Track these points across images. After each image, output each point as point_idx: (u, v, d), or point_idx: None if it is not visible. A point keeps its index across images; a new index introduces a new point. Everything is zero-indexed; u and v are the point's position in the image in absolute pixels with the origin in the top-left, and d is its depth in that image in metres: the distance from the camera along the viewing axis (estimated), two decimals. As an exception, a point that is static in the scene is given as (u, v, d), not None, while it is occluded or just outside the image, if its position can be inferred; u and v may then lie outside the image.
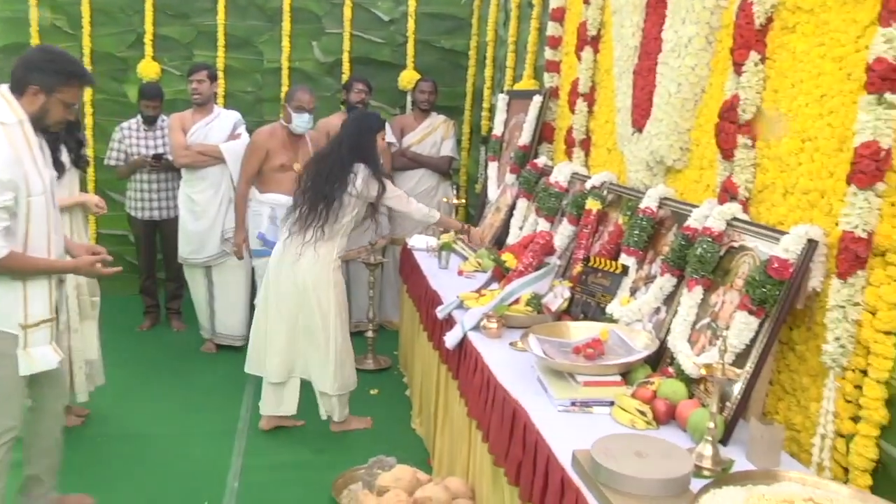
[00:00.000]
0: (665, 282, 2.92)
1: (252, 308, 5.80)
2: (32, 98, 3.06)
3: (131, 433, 4.55)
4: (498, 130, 5.71)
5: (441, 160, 6.49)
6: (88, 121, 7.00)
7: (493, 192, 5.49)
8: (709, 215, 2.74)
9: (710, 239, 2.66)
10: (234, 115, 5.97)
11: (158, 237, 6.28)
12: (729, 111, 2.74)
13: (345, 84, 6.56)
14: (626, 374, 2.72)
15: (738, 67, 2.71)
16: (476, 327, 3.46)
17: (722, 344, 2.16)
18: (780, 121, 2.34)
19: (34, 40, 6.90)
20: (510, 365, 3.03)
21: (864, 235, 2.07)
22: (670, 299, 2.92)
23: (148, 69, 6.98)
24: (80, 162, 4.44)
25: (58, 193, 4.17)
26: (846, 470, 2.13)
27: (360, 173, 4.31)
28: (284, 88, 7.24)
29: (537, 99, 5.00)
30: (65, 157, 4.28)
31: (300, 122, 5.33)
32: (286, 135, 5.41)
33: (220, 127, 5.85)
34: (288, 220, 4.46)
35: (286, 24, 7.18)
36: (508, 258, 4.00)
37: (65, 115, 3.19)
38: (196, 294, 6.05)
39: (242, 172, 5.44)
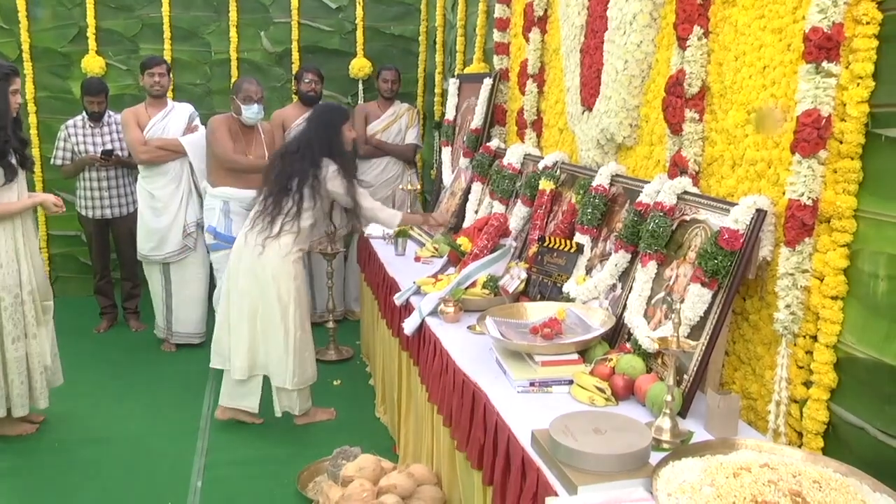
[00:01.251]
0: (619, 258, 2.94)
1: (210, 305, 5.78)
2: None
3: (91, 437, 4.50)
4: (450, 115, 5.71)
5: (406, 148, 6.47)
6: (32, 119, 6.89)
7: (447, 177, 5.49)
8: (660, 190, 2.76)
9: (661, 213, 2.68)
10: (189, 108, 5.91)
11: (111, 235, 6.21)
12: (675, 86, 2.76)
13: (296, 74, 6.52)
14: (584, 352, 2.73)
15: (682, 42, 2.73)
16: (434, 312, 3.46)
17: (676, 317, 2.19)
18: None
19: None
20: (468, 348, 3.04)
21: (809, 203, 2.10)
22: (626, 276, 2.94)
23: (92, 64, 6.88)
24: (26, 163, 4.35)
25: (7, 197, 4.13)
26: (800, 434, 2.17)
27: (327, 168, 4.30)
28: (234, 80, 7.16)
29: (487, 82, 5.01)
30: (13, 158, 4.21)
31: (250, 113, 5.27)
32: (238, 127, 5.37)
33: (176, 120, 5.79)
34: (251, 212, 4.45)
35: (233, 14, 7.12)
36: (464, 242, 4.01)
37: None
38: (154, 292, 5.98)
39: (224, 153, 5.28)
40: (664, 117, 2.85)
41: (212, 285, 5.77)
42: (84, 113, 5.98)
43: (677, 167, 2.80)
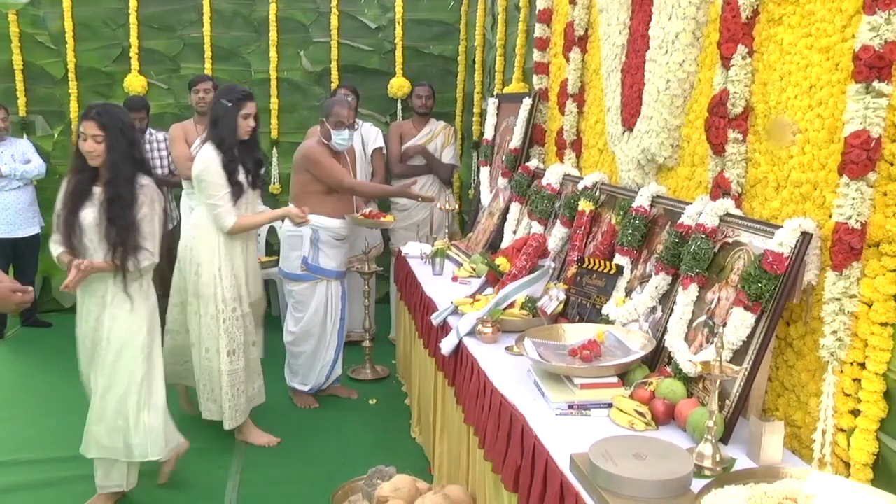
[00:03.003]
0: (660, 281, 2.90)
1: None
2: None
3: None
4: (489, 135, 5.70)
5: (444, 166, 6.46)
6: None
7: (485, 197, 5.48)
8: (702, 212, 2.72)
9: (703, 236, 2.65)
10: None
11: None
12: (718, 106, 2.73)
13: (332, 93, 6.55)
14: (624, 375, 2.70)
15: (725, 62, 2.69)
16: (471, 333, 3.44)
17: (719, 341, 2.14)
18: (788, 125, 2.33)
19: (16, 57, 6.90)
20: (506, 369, 3.01)
21: (857, 226, 2.06)
22: (666, 298, 2.90)
23: (134, 83, 6.99)
24: (257, 182, 4.58)
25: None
26: (847, 465, 2.11)
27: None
28: (273, 99, 7.25)
29: (527, 102, 4.99)
30: (242, 177, 4.44)
31: (340, 139, 5.01)
32: (328, 153, 5.10)
33: None
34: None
35: (273, 34, 7.19)
36: (502, 262, 3.99)
37: None
38: None
39: (336, 175, 5.02)
40: (707, 138, 2.82)
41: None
42: (126, 130, 6.05)
43: (720, 188, 2.76)
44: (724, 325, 2.38)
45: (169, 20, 7.12)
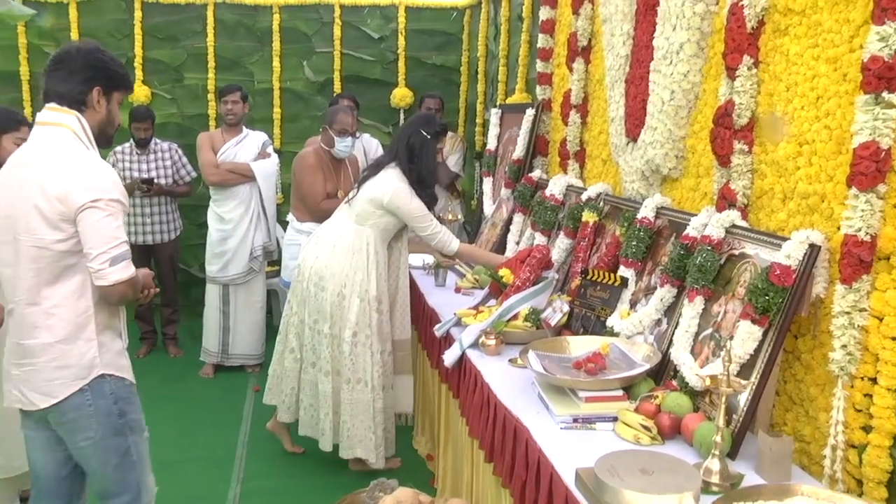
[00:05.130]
0: (665, 293, 2.87)
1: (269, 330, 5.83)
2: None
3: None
4: (492, 145, 5.67)
5: (445, 172, 6.42)
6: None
7: (488, 208, 5.44)
8: (707, 223, 2.69)
9: (709, 247, 2.61)
10: (262, 136, 6.02)
11: (152, 261, 6.23)
12: (723, 117, 2.70)
13: (330, 102, 6.51)
14: (629, 388, 2.66)
15: (731, 72, 2.66)
16: (474, 344, 3.40)
17: (726, 355, 2.11)
18: (779, 124, 2.30)
19: (23, 67, 6.90)
20: (510, 382, 2.98)
21: (867, 239, 2.02)
22: (671, 310, 2.86)
23: (138, 93, 6.99)
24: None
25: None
26: (860, 482, 2.07)
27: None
28: (276, 109, 7.25)
29: (530, 112, 4.97)
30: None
31: (343, 146, 4.99)
32: (329, 160, 5.10)
33: (248, 147, 5.89)
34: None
35: (276, 45, 7.20)
36: (505, 273, 3.94)
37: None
38: (210, 315, 6.00)
39: (311, 194, 5.01)
40: (712, 149, 2.79)
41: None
42: (132, 140, 6.05)
43: (725, 200, 2.73)
44: (731, 338, 2.34)
45: (173, 30, 7.12)
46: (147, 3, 7.03)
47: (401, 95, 7.31)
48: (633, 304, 3.14)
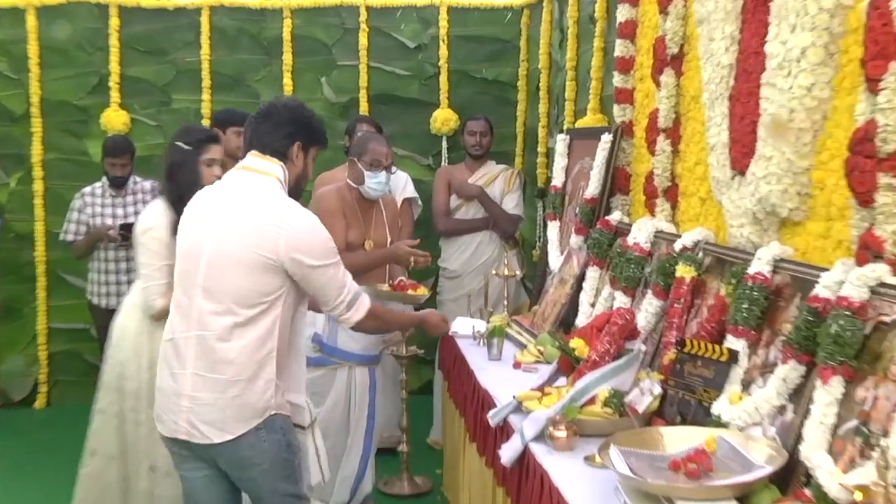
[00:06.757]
0: (789, 371, 2.79)
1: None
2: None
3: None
4: (558, 181, 5.68)
5: (506, 216, 6.42)
6: (38, 186, 7.05)
7: (554, 260, 5.44)
8: (844, 281, 2.63)
9: (848, 313, 2.54)
10: None
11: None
12: (863, 142, 2.64)
13: (347, 128, 6.52)
14: (745, 497, 2.58)
15: (872, 84, 2.61)
16: (540, 437, 3.36)
17: (881, 457, 2.02)
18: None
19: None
20: (586, 486, 2.93)
21: None
22: (799, 395, 2.79)
23: (114, 119, 7.08)
24: None
25: None
26: None
27: None
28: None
29: (606, 138, 4.95)
30: None
31: (375, 182, 5.03)
32: (355, 199, 5.13)
33: None
34: None
35: (287, 57, 7.29)
36: (578, 345, 3.91)
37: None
38: None
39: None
40: (847, 183, 2.74)
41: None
42: (104, 178, 6.10)
43: (868, 250, 2.66)
44: (886, 433, 2.25)
45: (158, 42, 7.24)
46: (125, 9, 7.17)
47: (443, 119, 7.34)
48: (746, 386, 3.09)
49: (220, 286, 3.31)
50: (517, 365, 4.47)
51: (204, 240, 3.37)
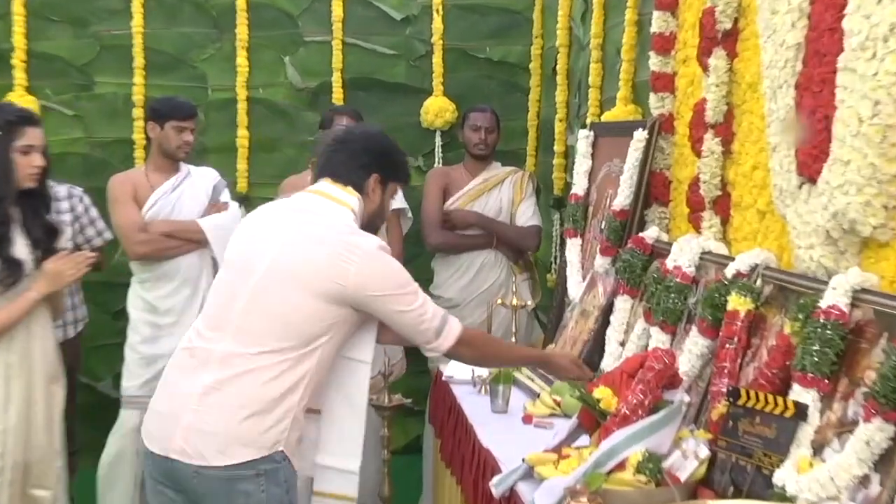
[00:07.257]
0: (874, 432, 2.77)
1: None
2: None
3: None
4: (579, 188, 5.68)
5: (521, 232, 6.40)
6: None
7: (574, 287, 5.44)
8: (944, 319, 2.62)
9: (949, 359, 2.53)
10: (212, 174, 6.03)
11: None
12: (967, 144, 2.64)
13: (321, 121, 6.50)
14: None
15: (979, 71, 2.60)
16: (556, 511, 3.34)
17: None
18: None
19: None
20: (616, 577, 2.90)
21: None
22: (886, 461, 2.78)
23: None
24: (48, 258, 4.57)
25: None
26: None
27: None
28: (241, 131, 7.35)
29: (640, 135, 4.94)
30: (18, 250, 4.41)
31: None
32: None
33: (193, 192, 5.89)
34: None
35: (241, 31, 7.27)
36: (604, 394, 3.88)
37: None
38: (123, 464, 5.96)
39: None
40: (947, 196, 2.72)
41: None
42: (10, 182, 6.08)
43: (974, 280, 2.65)
44: None
45: (77, 10, 7.17)
46: (33, -33, 7.09)
47: (436, 109, 7.33)
48: (817, 449, 3.07)
49: (267, 306, 3.60)
50: (527, 419, 4.48)
51: (260, 257, 3.67)
